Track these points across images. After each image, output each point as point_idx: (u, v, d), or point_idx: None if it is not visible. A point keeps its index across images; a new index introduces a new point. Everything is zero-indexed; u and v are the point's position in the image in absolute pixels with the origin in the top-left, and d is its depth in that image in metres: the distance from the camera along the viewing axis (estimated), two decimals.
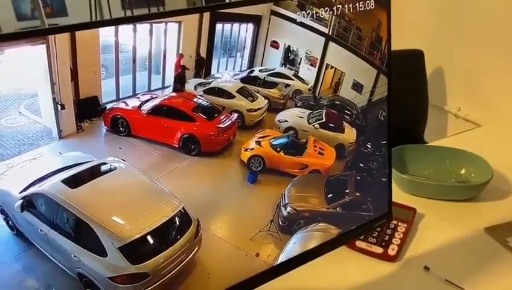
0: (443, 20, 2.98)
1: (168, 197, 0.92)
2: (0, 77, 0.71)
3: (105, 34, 0.78)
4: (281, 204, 1.11)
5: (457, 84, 3.02)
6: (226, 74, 0.94)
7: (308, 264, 1.21)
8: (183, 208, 0.95)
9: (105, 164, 0.85)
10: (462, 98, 3.02)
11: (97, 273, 0.88)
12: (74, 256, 0.85)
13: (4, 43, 0.69)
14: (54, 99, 0.77)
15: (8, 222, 0.80)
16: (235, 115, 0.98)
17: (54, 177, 0.81)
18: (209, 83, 0.92)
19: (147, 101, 0.87)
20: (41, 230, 0.82)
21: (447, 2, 2.92)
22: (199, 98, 0.92)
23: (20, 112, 0.75)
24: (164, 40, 0.84)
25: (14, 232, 0.80)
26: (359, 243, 1.48)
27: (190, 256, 0.98)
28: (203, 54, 0.89)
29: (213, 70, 0.92)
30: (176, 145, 0.92)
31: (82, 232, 0.85)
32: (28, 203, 0.80)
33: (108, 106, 0.82)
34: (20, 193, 0.79)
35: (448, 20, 2.94)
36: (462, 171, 1.77)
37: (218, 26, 0.89)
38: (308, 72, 1.05)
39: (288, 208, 1.12)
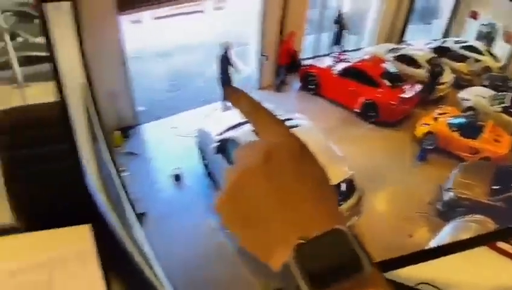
0: None
1: (340, 161, 0.92)
2: (221, 23, 0.74)
3: None
4: (443, 188, 1.05)
5: None
6: (419, 41, 0.90)
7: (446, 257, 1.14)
8: (351, 175, 0.94)
9: (291, 119, 0.86)
10: None
11: None
12: None
13: None
14: (260, 50, 0.79)
15: (204, 162, 0.85)
16: (419, 86, 0.93)
17: (247, 125, 0.84)
18: (401, 50, 0.88)
19: (339, 61, 0.87)
20: None
21: None
22: (388, 64, 0.89)
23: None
24: (368, 1, 0.82)
25: (207, 171, 0.86)
26: (502, 245, 1.36)
27: (348, 224, 0.98)
28: (401, 18, 0.85)
29: (408, 37, 0.88)
30: (357, 110, 0.91)
31: None
32: (222, 147, 0.85)
33: (304, 63, 0.83)
34: (217, 135, 0.84)
35: None
36: None
37: None
38: (502, 49, 0.96)
39: (450, 193, 1.05)
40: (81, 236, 1.05)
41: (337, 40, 0.87)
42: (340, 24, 0.85)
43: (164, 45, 0.76)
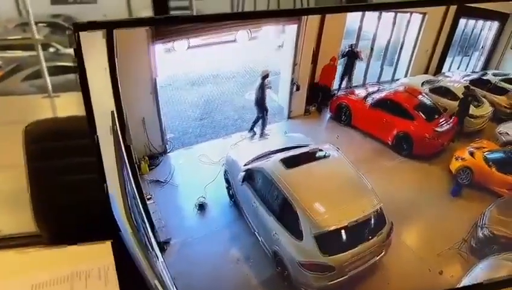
0: None
1: (369, 194, 0.89)
2: (254, 52, 0.74)
3: (351, 19, 0.77)
4: (478, 224, 1.00)
5: None
6: (457, 73, 0.87)
7: None
8: (380, 207, 0.90)
9: (321, 150, 0.85)
10: None
11: (289, 255, 0.88)
12: (274, 234, 0.87)
13: (264, 20, 0.71)
14: (292, 79, 0.78)
15: (229, 191, 0.84)
16: (455, 120, 0.90)
17: (274, 156, 0.83)
18: (438, 81, 0.85)
19: (373, 92, 0.84)
20: (253, 204, 0.85)
21: None
22: (423, 96, 0.86)
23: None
24: (405, 32, 0.79)
25: (232, 201, 0.85)
26: None
27: (376, 258, 0.94)
28: (439, 49, 0.82)
29: (445, 68, 0.85)
30: (389, 142, 0.88)
31: (286, 212, 0.86)
32: (249, 176, 0.83)
33: (337, 93, 0.81)
34: (245, 165, 0.83)
35: None
36: None
37: (462, 22, 0.82)
38: None
39: (485, 230, 1.00)
40: (102, 253, 1.05)
41: (347, 72, 0.85)
42: (351, 56, 0.83)
43: (196, 73, 0.75)
